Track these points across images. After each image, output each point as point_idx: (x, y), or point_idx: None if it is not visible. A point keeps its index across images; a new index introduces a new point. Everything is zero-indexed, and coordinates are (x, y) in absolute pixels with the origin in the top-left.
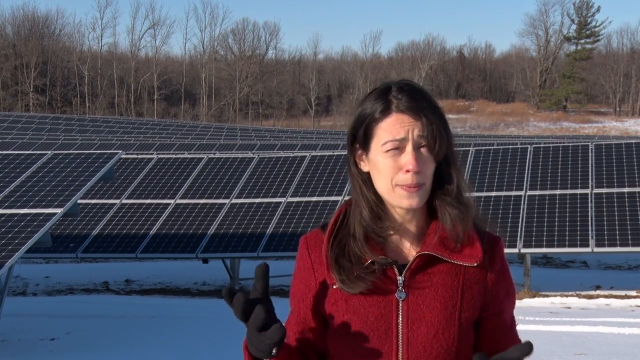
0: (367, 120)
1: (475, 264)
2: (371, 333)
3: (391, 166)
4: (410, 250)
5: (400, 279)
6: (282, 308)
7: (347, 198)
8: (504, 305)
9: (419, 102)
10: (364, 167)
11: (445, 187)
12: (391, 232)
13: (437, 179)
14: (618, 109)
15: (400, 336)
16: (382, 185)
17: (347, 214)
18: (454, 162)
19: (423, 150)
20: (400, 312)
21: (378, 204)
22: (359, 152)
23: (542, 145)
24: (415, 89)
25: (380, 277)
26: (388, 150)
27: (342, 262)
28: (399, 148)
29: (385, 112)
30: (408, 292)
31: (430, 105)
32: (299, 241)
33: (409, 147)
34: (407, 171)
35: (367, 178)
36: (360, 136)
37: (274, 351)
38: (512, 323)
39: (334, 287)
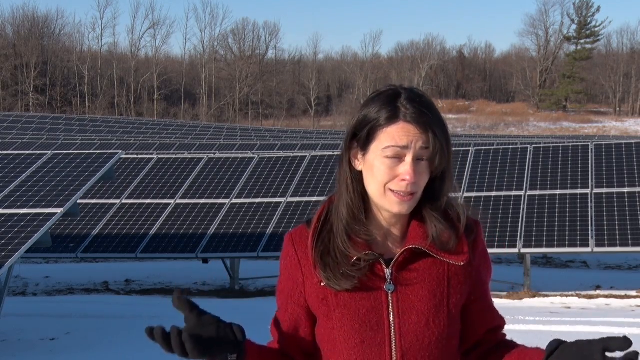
0: (372, 123)
1: (461, 264)
2: (363, 326)
3: (387, 172)
4: (395, 246)
5: (387, 272)
6: None
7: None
8: (487, 286)
9: (427, 116)
10: (358, 165)
11: (435, 201)
12: (367, 237)
13: (428, 190)
14: (618, 109)
15: (392, 327)
16: (374, 187)
17: (330, 210)
18: (449, 177)
19: (422, 162)
20: (390, 304)
21: (358, 206)
22: (356, 150)
23: (542, 145)
24: (425, 101)
25: (367, 273)
26: (387, 156)
27: (326, 260)
28: (398, 156)
29: (393, 119)
30: (396, 284)
31: (437, 120)
32: (284, 238)
33: (408, 158)
34: (403, 180)
35: (357, 177)
36: (363, 136)
37: (234, 357)
38: (492, 302)
39: (322, 284)
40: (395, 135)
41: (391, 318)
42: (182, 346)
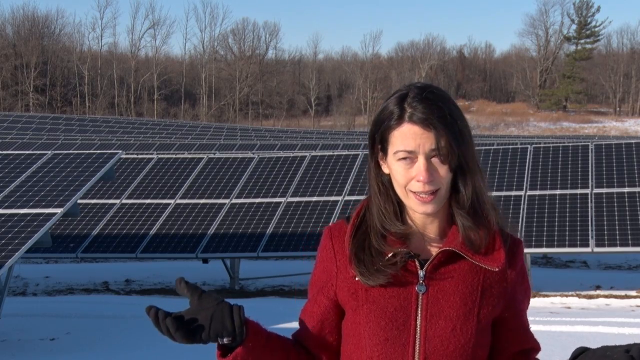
0: (382, 126)
1: (496, 269)
2: (389, 324)
3: (404, 174)
4: (432, 247)
5: (421, 272)
6: (285, 307)
7: (347, 198)
8: (522, 306)
9: (432, 114)
10: (385, 169)
11: (458, 196)
12: (400, 231)
13: (453, 186)
14: (618, 109)
15: (418, 329)
16: (398, 190)
17: (367, 209)
18: (470, 170)
19: (435, 159)
20: (419, 305)
21: (389, 209)
22: (380, 154)
23: (542, 145)
24: (431, 98)
25: (401, 270)
26: (400, 159)
27: (361, 256)
28: (410, 158)
29: (399, 120)
30: (429, 286)
31: (443, 115)
32: (323, 231)
33: (420, 158)
34: (418, 181)
35: (387, 180)
36: (378, 140)
37: (224, 340)
38: (528, 324)
39: (356, 278)
40: (403, 139)
41: (418, 320)
42: (168, 329)
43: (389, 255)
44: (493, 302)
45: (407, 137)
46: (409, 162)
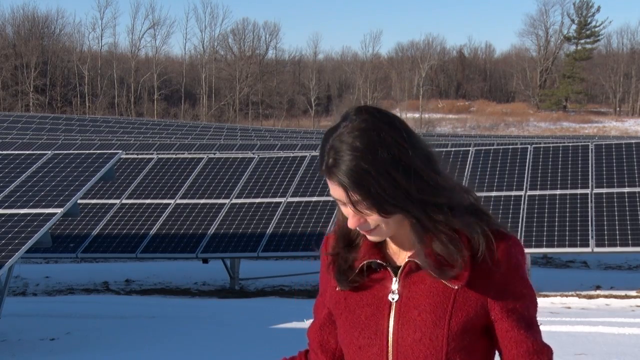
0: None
1: (455, 287)
2: (362, 332)
3: (344, 213)
4: (406, 254)
5: (394, 280)
6: (285, 307)
7: None
8: (515, 306)
9: (334, 165)
10: None
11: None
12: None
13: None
14: (618, 109)
15: (390, 337)
16: None
17: None
18: (390, 204)
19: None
20: (392, 313)
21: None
22: None
23: (542, 145)
24: (337, 146)
25: (375, 278)
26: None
27: (338, 260)
28: (341, 203)
29: (321, 168)
30: (402, 294)
31: (341, 165)
32: (323, 241)
33: (348, 209)
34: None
35: None
36: None
37: None
38: (531, 325)
39: (337, 288)
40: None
41: (390, 327)
42: None
43: (361, 264)
44: (467, 309)
45: (330, 187)
46: (343, 205)
